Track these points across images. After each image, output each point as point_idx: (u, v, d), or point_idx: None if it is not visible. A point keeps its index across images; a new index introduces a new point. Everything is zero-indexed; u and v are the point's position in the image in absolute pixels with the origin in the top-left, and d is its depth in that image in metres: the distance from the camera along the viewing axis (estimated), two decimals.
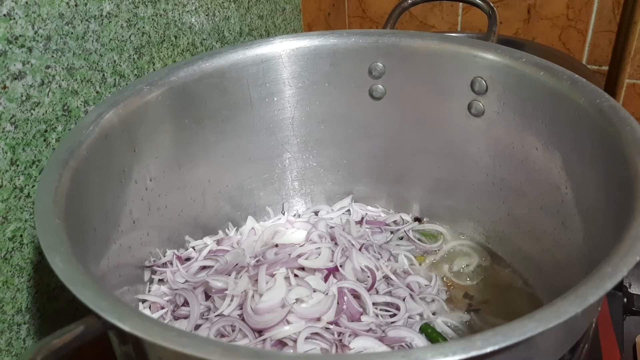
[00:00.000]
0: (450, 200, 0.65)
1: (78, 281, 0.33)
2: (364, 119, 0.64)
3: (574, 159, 0.49)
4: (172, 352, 0.29)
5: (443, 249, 0.63)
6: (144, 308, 0.53)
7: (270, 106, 0.62)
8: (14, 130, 0.48)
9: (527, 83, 0.52)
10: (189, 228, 0.61)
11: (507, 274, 0.60)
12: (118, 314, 0.31)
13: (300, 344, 0.46)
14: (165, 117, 0.55)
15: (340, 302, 0.50)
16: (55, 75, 0.51)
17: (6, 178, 0.48)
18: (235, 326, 0.48)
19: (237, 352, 0.29)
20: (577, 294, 0.31)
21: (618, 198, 0.40)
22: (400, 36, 0.59)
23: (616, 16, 1.01)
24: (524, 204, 0.57)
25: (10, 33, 0.46)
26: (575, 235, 0.49)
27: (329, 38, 0.60)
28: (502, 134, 0.56)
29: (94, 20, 0.54)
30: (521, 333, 0.29)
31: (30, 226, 0.51)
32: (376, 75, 0.61)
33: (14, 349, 0.51)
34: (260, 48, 0.59)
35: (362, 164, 0.67)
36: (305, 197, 0.69)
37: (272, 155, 0.65)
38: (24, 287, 0.51)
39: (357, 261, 0.54)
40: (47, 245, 0.36)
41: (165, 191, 0.56)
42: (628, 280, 0.63)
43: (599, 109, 0.45)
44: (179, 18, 0.65)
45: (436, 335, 0.51)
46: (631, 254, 0.33)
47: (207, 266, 0.57)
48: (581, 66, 0.91)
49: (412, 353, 0.28)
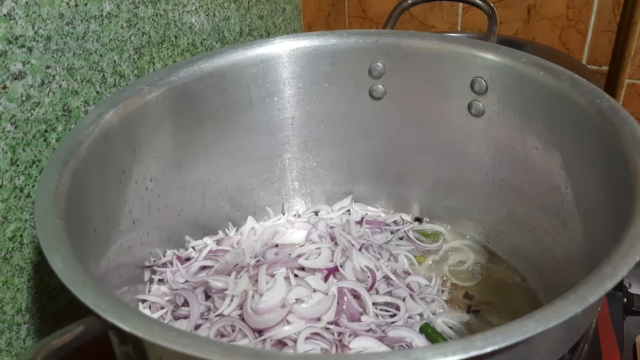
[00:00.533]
0: (450, 200, 0.65)
1: (78, 281, 0.33)
2: (364, 119, 0.64)
3: (574, 159, 0.49)
4: (172, 352, 0.29)
5: (443, 249, 0.63)
6: (144, 308, 0.53)
7: (270, 106, 0.62)
8: (14, 130, 0.48)
9: (527, 83, 0.52)
10: (189, 228, 0.61)
11: (507, 274, 0.60)
12: (118, 314, 0.31)
13: (300, 344, 0.46)
14: (165, 117, 0.55)
15: (340, 302, 0.50)
16: (55, 76, 0.51)
17: (6, 178, 0.48)
18: (235, 326, 0.48)
19: (237, 352, 0.29)
20: (577, 294, 0.31)
21: (618, 198, 0.40)
22: (400, 36, 0.59)
23: (616, 16, 1.01)
24: (524, 204, 0.57)
25: (11, 33, 0.46)
26: (575, 235, 0.49)
27: (329, 38, 0.60)
28: (502, 134, 0.56)
29: (94, 20, 0.54)
30: (521, 333, 0.29)
31: (30, 226, 0.51)
32: (376, 75, 0.61)
33: (14, 349, 0.51)
34: (260, 48, 0.59)
35: (362, 164, 0.67)
36: (305, 197, 0.69)
37: (272, 155, 0.65)
38: (24, 287, 0.51)
39: (357, 261, 0.54)
40: (47, 245, 0.36)
41: (165, 191, 0.56)
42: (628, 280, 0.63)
43: (599, 109, 0.45)
44: (179, 18, 0.65)
45: (436, 335, 0.51)
46: (631, 254, 0.33)
47: (207, 266, 0.57)
48: (581, 66, 0.91)
49: (412, 353, 0.28)
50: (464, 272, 0.60)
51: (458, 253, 0.63)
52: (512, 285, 0.58)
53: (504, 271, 0.60)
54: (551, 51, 0.94)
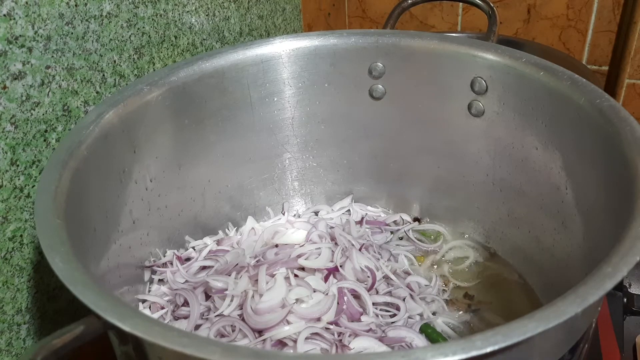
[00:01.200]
0: (450, 200, 0.64)
1: (78, 281, 0.33)
2: (364, 119, 0.64)
3: (574, 159, 0.49)
4: (172, 352, 0.29)
5: (443, 249, 0.63)
6: (144, 308, 0.53)
7: (270, 106, 0.62)
8: (14, 130, 0.48)
9: (527, 83, 0.52)
10: (189, 228, 0.61)
11: (507, 274, 0.60)
12: (118, 314, 0.31)
13: (300, 344, 0.46)
14: (165, 117, 0.55)
15: (340, 302, 0.50)
16: (55, 76, 0.51)
17: (6, 178, 0.48)
18: (235, 326, 0.48)
19: (237, 352, 0.29)
20: (577, 294, 0.31)
21: (618, 198, 0.40)
22: (400, 36, 0.59)
23: (616, 16, 1.01)
24: (524, 204, 0.57)
25: (11, 33, 0.46)
26: (575, 235, 0.49)
27: (329, 38, 0.60)
28: (502, 134, 0.56)
29: (94, 20, 0.54)
30: (521, 333, 0.29)
31: (30, 226, 0.51)
32: (376, 75, 0.61)
33: (14, 349, 0.51)
34: (260, 48, 0.59)
35: (362, 164, 0.67)
36: (305, 197, 0.69)
37: (272, 155, 0.65)
38: (24, 287, 0.51)
39: (357, 261, 0.54)
40: (47, 245, 0.36)
41: (165, 191, 0.56)
42: (628, 280, 0.63)
43: (599, 109, 0.45)
44: (179, 18, 0.65)
45: (436, 335, 0.51)
46: (631, 254, 0.33)
47: (207, 266, 0.57)
48: (581, 66, 0.91)
49: (412, 353, 0.28)
50: (464, 272, 0.60)
51: (458, 253, 0.63)
52: (512, 285, 0.58)
53: (504, 271, 0.60)
54: (551, 51, 0.94)
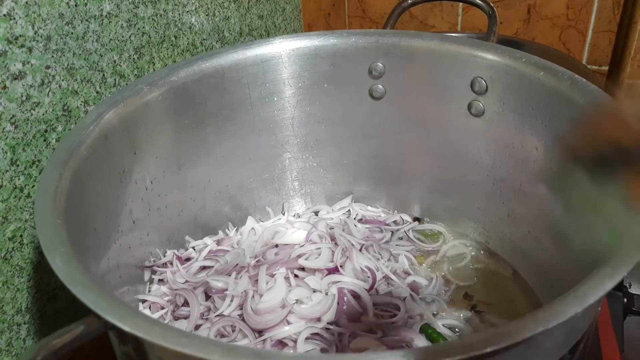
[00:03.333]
0: (450, 200, 0.64)
1: (78, 281, 0.33)
2: (364, 119, 0.63)
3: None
4: (172, 352, 0.29)
5: (443, 249, 0.63)
6: (144, 308, 0.53)
7: (270, 106, 0.62)
8: (14, 130, 0.48)
9: (527, 83, 0.52)
10: (189, 228, 0.61)
11: (507, 274, 0.60)
12: (118, 314, 0.31)
13: (300, 344, 0.46)
14: (165, 117, 0.55)
15: (340, 303, 0.50)
16: (55, 75, 0.51)
17: (6, 178, 0.48)
18: (235, 326, 0.48)
19: (237, 352, 0.29)
20: (577, 294, 0.31)
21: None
22: (400, 36, 0.59)
23: (616, 16, 1.01)
24: (524, 204, 0.57)
25: (11, 33, 0.46)
26: (575, 235, 0.49)
27: (329, 38, 0.60)
28: (502, 134, 0.56)
29: (94, 20, 0.54)
30: (521, 333, 0.29)
31: (30, 226, 0.51)
32: (376, 75, 0.61)
33: (14, 349, 0.51)
34: (260, 48, 0.59)
35: (362, 164, 0.67)
36: (305, 197, 0.69)
37: (272, 155, 0.65)
38: (24, 287, 0.51)
39: (357, 261, 0.54)
40: (47, 245, 0.36)
41: (165, 191, 0.56)
42: (628, 280, 0.63)
43: None
44: (179, 18, 0.65)
45: (436, 335, 0.51)
46: (631, 254, 0.33)
47: (207, 266, 0.57)
48: (581, 66, 0.91)
49: (412, 353, 0.28)
50: (464, 272, 0.60)
51: (458, 253, 0.63)
52: (512, 285, 0.58)
53: (504, 271, 0.60)
54: (551, 51, 0.94)
